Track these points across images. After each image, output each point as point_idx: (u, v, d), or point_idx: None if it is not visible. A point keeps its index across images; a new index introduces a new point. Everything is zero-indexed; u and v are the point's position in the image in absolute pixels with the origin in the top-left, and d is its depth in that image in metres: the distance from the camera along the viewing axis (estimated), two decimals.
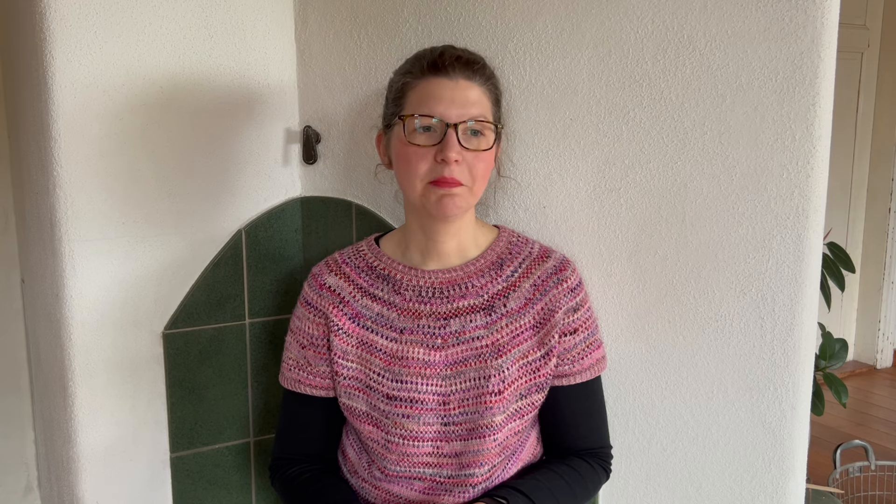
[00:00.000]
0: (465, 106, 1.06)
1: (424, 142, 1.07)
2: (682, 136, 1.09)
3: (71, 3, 1.28)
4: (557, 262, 1.16)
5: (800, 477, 1.08)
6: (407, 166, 1.08)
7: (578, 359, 1.14)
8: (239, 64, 1.44)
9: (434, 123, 1.06)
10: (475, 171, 1.08)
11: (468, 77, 1.08)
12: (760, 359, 1.07)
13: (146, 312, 1.42)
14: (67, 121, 1.30)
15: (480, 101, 1.08)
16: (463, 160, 1.06)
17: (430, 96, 1.07)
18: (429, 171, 1.07)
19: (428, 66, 1.08)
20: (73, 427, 1.38)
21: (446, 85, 1.07)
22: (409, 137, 1.07)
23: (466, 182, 1.07)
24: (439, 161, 1.05)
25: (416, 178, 1.08)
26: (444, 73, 1.07)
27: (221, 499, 1.52)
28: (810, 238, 1.01)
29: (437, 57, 1.08)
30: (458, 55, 1.09)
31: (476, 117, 1.07)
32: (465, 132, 1.07)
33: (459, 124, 1.06)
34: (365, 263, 1.19)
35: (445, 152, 1.05)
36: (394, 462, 1.15)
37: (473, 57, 1.10)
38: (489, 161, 1.10)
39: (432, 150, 1.06)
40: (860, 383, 4.10)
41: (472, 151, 1.07)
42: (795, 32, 0.97)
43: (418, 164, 1.07)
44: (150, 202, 1.39)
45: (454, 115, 1.06)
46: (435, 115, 1.06)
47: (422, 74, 1.08)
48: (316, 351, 1.19)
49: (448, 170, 1.05)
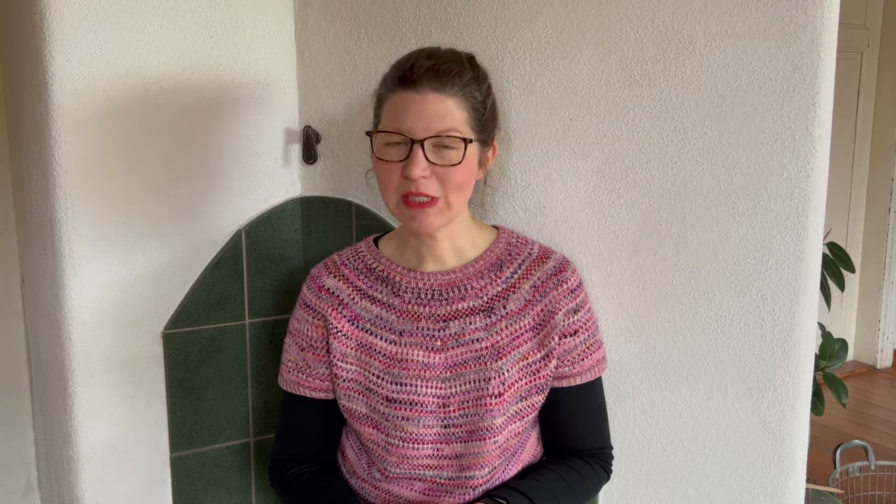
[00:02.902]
0: (433, 120, 1.04)
1: (392, 157, 1.06)
2: (682, 136, 1.09)
3: (71, 3, 1.28)
4: (557, 264, 1.16)
5: (800, 477, 1.08)
6: (380, 180, 1.08)
7: (579, 360, 1.14)
8: (239, 64, 1.44)
9: (402, 139, 1.05)
10: (448, 184, 1.05)
11: (437, 89, 1.04)
12: (760, 359, 1.07)
13: (146, 312, 1.41)
14: (67, 121, 1.30)
15: (451, 114, 1.05)
16: (432, 174, 1.04)
17: (398, 111, 1.05)
18: (398, 186, 1.06)
19: (399, 79, 1.06)
20: (73, 427, 1.38)
21: (412, 99, 1.04)
22: (378, 153, 1.07)
23: (438, 194, 1.05)
24: (405, 177, 1.05)
25: (389, 193, 1.07)
26: (411, 86, 1.04)
27: (221, 499, 1.52)
28: (810, 238, 1.01)
29: (407, 69, 1.05)
30: (428, 66, 1.05)
31: (444, 132, 1.04)
32: (435, 145, 1.04)
33: (426, 139, 1.04)
34: (364, 265, 1.19)
35: (409, 169, 1.03)
36: (394, 464, 1.15)
37: (447, 66, 1.05)
38: (465, 172, 1.07)
39: (400, 165, 1.05)
40: (860, 383, 4.10)
41: (441, 166, 1.05)
42: (795, 32, 0.97)
43: (388, 178, 1.06)
44: (150, 202, 1.39)
45: (420, 130, 1.04)
46: (401, 131, 1.04)
47: (393, 87, 1.07)
48: (315, 353, 1.19)
49: (415, 185, 1.04)
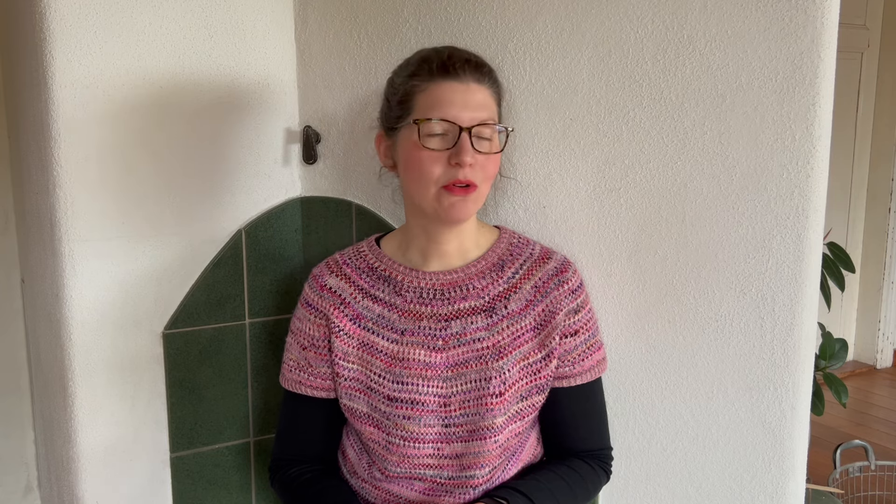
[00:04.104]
0: (476, 109, 1.07)
1: (437, 146, 1.06)
2: (682, 136, 1.09)
3: (71, 3, 1.28)
4: (558, 264, 1.16)
5: (800, 477, 1.08)
6: (420, 170, 1.08)
7: (579, 360, 1.14)
8: (239, 64, 1.44)
9: (447, 127, 1.06)
10: (486, 173, 1.08)
11: (478, 80, 1.08)
12: (760, 359, 1.07)
13: (146, 312, 1.42)
14: (67, 121, 1.30)
15: (489, 104, 1.09)
16: (476, 163, 1.06)
17: (442, 99, 1.06)
18: (442, 175, 1.07)
19: (438, 69, 1.07)
20: (73, 427, 1.38)
21: (457, 88, 1.07)
22: (423, 141, 1.07)
23: (479, 183, 1.08)
24: (454, 164, 1.06)
25: (430, 182, 1.07)
26: (454, 75, 1.07)
27: (221, 499, 1.52)
28: (810, 238, 1.01)
29: (447, 59, 1.08)
30: (466, 58, 1.09)
31: (486, 120, 1.07)
32: (475, 135, 1.06)
33: (472, 128, 1.06)
34: (366, 264, 1.19)
35: (461, 156, 1.05)
36: (394, 463, 1.15)
37: (479, 59, 1.11)
38: (498, 162, 1.11)
39: (445, 153, 1.06)
40: (860, 383, 4.10)
41: (484, 154, 1.07)
42: (795, 32, 0.97)
43: (432, 167, 1.07)
44: (150, 202, 1.39)
45: (466, 119, 1.06)
46: (448, 118, 1.06)
47: (430, 77, 1.08)
48: (317, 352, 1.19)
49: (463, 173, 1.06)
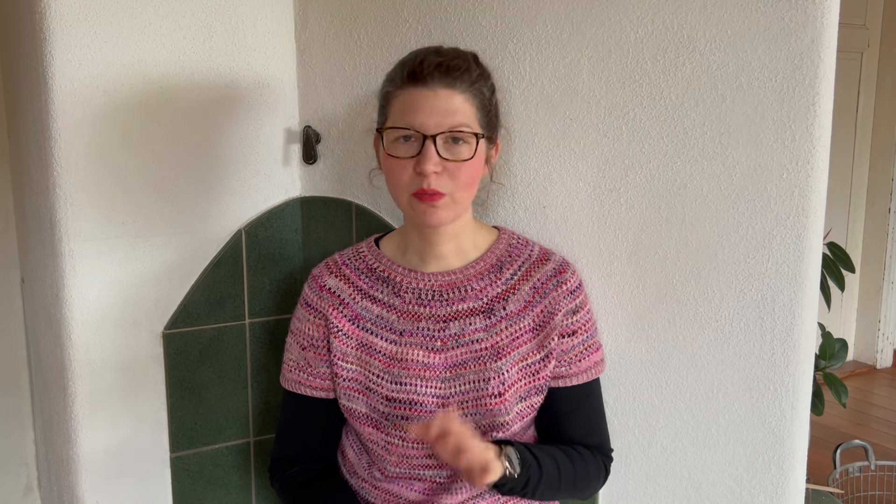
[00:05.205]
0: (445, 115, 1.05)
1: (404, 153, 1.06)
2: (682, 136, 1.09)
3: (71, 3, 1.28)
4: (557, 265, 1.16)
5: (800, 477, 1.08)
6: (390, 177, 1.08)
7: (576, 361, 1.14)
8: (239, 64, 1.44)
9: (414, 134, 1.05)
10: (458, 180, 1.06)
11: (448, 85, 1.05)
12: (760, 359, 1.07)
13: (146, 312, 1.42)
14: (67, 121, 1.30)
15: (462, 110, 1.06)
16: (444, 170, 1.05)
17: (409, 107, 1.06)
18: (410, 182, 1.06)
19: (407, 76, 1.06)
20: (73, 427, 1.38)
21: (424, 95, 1.05)
22: (389, 149, 1.07)
23: (448, 191, 1.06)
24: (418, 173, 1.05)
25: (400, 189, 1.08)
26: (422, 82, 1.05)
27: (221, 499, 1.52)
28: (810, 238, 1.01)
29: (417, 65, 1.06)
30: (438, 62, 1.06)
31: (455, 127, 1.05)
32: (445, 141, 1.05)
33: (438, 135, 1.04)
34: (365, 265, 1.19)
35: (422, 165, 1.04)
36: (393, 463, 1.15)
37: (455, 62, 1.06)
38: (475, 168, 1.08)
39: (412, 161, 1.05)
40: (860, 383, 4.10)
41: (452, 162, 1.05)
42: (795, 32, 0.97)
43: (400, 175, 1.06)
44: (150, 202, 1.39)
45: (432, 126, 1.04)
46: (413, 126, 1.05)
47: (402, 84, 1.07)
48: (316, 352, 1.19)
49: (427, 181, 1.05)
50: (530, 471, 1.04)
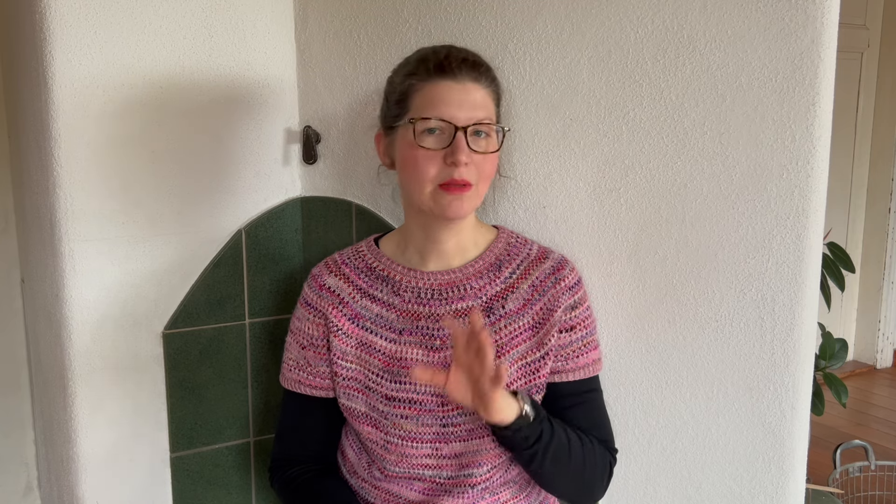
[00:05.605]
0: (473, 109, 1.07)
1: (433, 145, 1.07)
2: (682, 136, 1.09)
3: (71, 3, 1.28)
4: (555, 262, 1.16)
5: (800, 477, 1.08)
6: (415, 169, 1.08)
7: (573, 357, 1.14)
8: (239, 64, 1.44)
9: (443, 126, 1.06)
10: (483, 172, 1.09)
11: (474, 79, 1.08)
12: (760, 359, 1.07)
13: (146, 312, 1.41)
14: (67, 121, 1.30)
15: (486, 104, 1.09)
16: (471, 162, 1.07)
17: (438, 99, 1.07)
18: (438, 174, 1.07)
19: (434, 68, 1.08)
20: (73, 427, 1.38)
21: (453, 87, 1.07)
22: (419, 140, 1.07)
23: (474, 182, 1.08)
24: (449, 164, 1.06)
25: (426, 181, 1.08)
26: (450, 75, 1.07)
27: (221, 499, 1.52)
28: (810, 238, 1.01)
29: (443, 59, 1.08)
30: (464, 57, 1.09)
31: (483, 120, 1.08)
32: (472, 134, 1.07)
33: (468, 127, 1.06)
34: (364, 264, 1.19)
35: (456, 155, 1.05)
36: (393, 463, 1.15)
37: (478, 58, 1.11)
38: (495, 162, 1.11)
39: (441, 152, 1.07)
40: (860, 383, 4.10)
41: (480, 153, 1.07)
42: (795, 32, 0.97)
43: (427, 166, 1.07)
44: (150, 202, 1.39)
45: (462, 118, 1.06)
46: (444, 117, 1.06)
47: (427, 76, 1.08)
48: (316, 351, 1.19)
49: (458, 172, 1.06)
50: (543, 425, 1.04)
